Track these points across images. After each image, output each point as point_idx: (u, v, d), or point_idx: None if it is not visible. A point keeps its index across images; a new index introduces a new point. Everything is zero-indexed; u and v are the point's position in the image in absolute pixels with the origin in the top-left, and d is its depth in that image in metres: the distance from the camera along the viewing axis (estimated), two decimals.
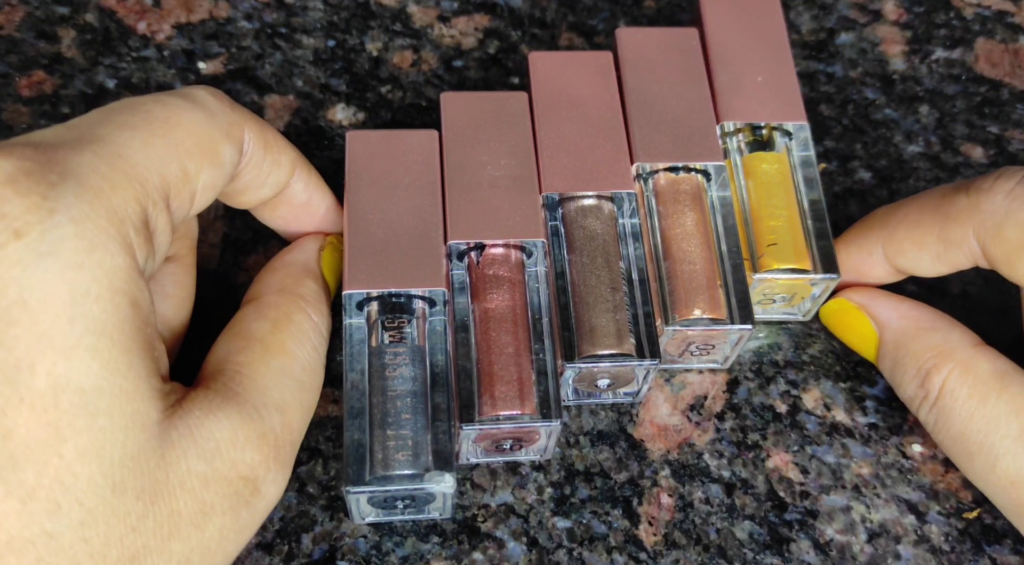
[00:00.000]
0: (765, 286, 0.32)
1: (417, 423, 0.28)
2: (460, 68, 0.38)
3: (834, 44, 0.40)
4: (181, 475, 0.23)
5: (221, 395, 0.25)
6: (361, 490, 0.27)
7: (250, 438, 0.25)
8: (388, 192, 0.31)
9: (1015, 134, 0.39)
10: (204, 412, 0.24)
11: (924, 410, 0.30)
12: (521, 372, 0.29)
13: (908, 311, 0.32)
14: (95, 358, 0.22)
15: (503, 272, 0.30)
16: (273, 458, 0.26)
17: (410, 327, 0.29)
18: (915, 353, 0.30)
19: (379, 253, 0.30)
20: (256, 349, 0.27)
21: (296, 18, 0.39)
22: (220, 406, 0.25)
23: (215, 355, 0.27)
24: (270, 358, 0.27)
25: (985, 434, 0.28)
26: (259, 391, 0.26)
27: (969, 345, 0.30)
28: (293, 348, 0.28)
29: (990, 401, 0.28)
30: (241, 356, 0.27)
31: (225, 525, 0.24)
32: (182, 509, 0.23)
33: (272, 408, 0.26)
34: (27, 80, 0.37)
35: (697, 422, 0.32)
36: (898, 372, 0.31)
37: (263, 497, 0.25)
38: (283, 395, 0.27)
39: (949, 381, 0.29)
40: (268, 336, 0.28)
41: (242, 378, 0.26)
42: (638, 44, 0.35)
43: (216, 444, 0.24)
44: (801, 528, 0.31)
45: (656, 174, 0.33)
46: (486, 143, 0.32)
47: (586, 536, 0.30)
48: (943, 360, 0.30)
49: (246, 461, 0.25)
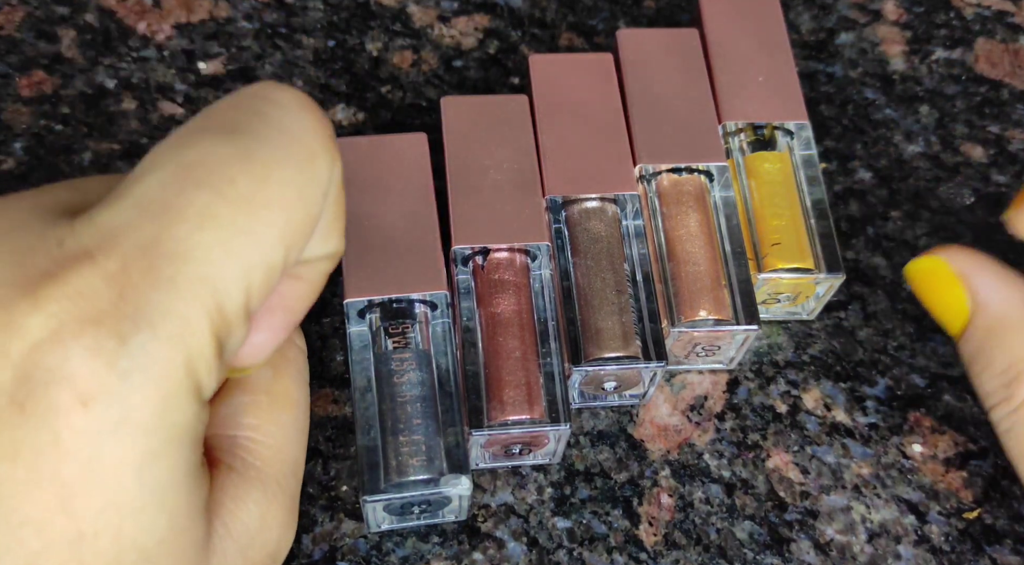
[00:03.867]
0: (770, 286, 0.32)
1: (428, 427, 0.28)
2: (460, 68, 0.38)
3: (834, 44, 0.40)
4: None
5: (244, 476, 0.24)
6: (378, 498, 0.27)
7: (276, 516, 0.24)
8: (381, 198, 0.31)
9: (1015, 134, 0.39)
10: (234, 502, 0.23)
11: (1000, 412, 0.27)
12: (529, 376, 0.29)
13: (1013, 294, 0.28)
14: (161, 513, 0.20)
15: (508, 276, 0.30)
16: (291, 524, 0.25)
17: (413, 332, 0.29)
18: (1009, 348, 0.27)
19: (377, 260, 0.30)
20: (263, 404, 0.25)
21: (296, 18, 0.39)
22: (247, 491, 0.23)
23: (222, 412, 0.25)
24: (278, 413, 0.25)
25: None
26: (277, 459, 0.25)
27: None
28: (297, 395, 0.26)
29: None
30: (250, 416, 0.25)
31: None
32: None
33: (289, 473, 0.25)
34: (27, 80, 0.37)
35: (697, 422, 0.32)
36: (980, 362, 0.28)
37: (281, 561, 0.25)
38: (295, 453, 0.25)
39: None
40: (272, 385, 0.26)
41: (257, 447, 0.24)
42: (639, 45, 0.35)
43: (249, 535, 0.23)
44: (801, 528, 0.31)
45: (659, 175, 0.33)
46: (488, 147, 0.32)
47: (586, 536, 0.30)
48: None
49: (272, 539, 0.24)
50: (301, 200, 0.21)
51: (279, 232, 0.20)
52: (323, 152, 0.21)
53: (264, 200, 0.20)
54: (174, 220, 0.19)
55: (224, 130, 0.21)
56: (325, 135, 0.22)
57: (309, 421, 0.27)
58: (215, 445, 0.24)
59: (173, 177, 0.20)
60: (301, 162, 0.21)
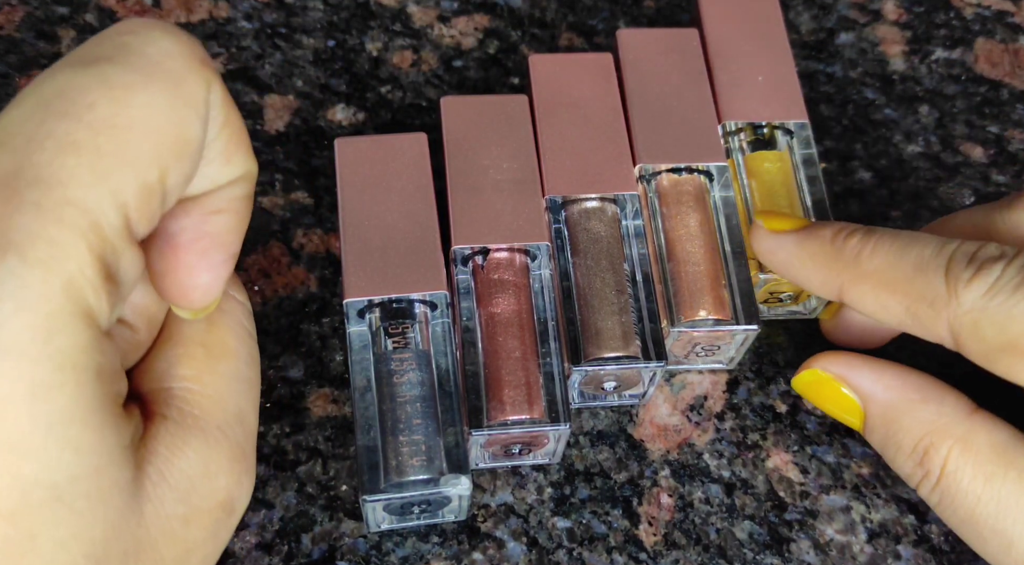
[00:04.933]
0: (771, 285, 0.32)
1: (428, 427, 0.28)
2: (460, 68, 0.38)
3: (834, 44, 0.40)
4: (162, 524, 0.22)
5: (181, 425, 0.23)
6: (377, 498, 0.27)
7: (220, 463, 0.24)
8: (381, 198, 0.31)
9: (1015, 134, 0.39)
10: (170, 450, 0.23)
11: (925, 488, 0.28)
12: (528, 376, 0.29)
13: (893, 380, 0.29)
14: (66, 448, 0.20)
15: (508, 276, 0.30)
16: (243, 471, 0.24)
17: (413, 332, 0.29)
18: (908, 430, 0.28)
19: (377, 259, 0.30)
20: (199, 356, 0.25)
21: (296, 18, 0.39)
22: (184, 439, 0.23)
23: (156, 367, 0.25)
24: (216, 364, 0.25)
25: (996, 517, 0.27)
26: (217, 408, 0.24)
27: (964, 416, 0.28)
28: (235, 345, 0.26)
29: (996, 482, 0.27)
30: (184, 368, 0.25)
31: (207, 553, 0.24)
32: (166, 556, 0.22)
33: (233, 421, 0.25)
34: (27, 80, 0.37)
35: (697, 422, 0.32)
36: (890, 448, 0.29)
37: (238, 511, 0.25)
38: (238, 402, 0.25)
39: (950, 461, 0.27)
40: (207, 337, 0.25)
41: (195, 396, 0.24)
42: (638, 45, 0.35)
43: (190, 482, 0.23)
44: (801, 528, 0.31)
45: (659, 175, 0.33)
46: (488, 147, 0.32)
47: (586, 536, 0.30)
48: (940, 437, 0.28)
49: (220, 486, 0.24)
50: (171, 121, 0.21)
51: (149, 152, 0.20)
52: (190, 73, 0.21)
53: (127, 122, 0.20)
54: (35, 149, 0.19)
55: (83, 62, 0.21)
56: (192, 57, 0.22)
57: (259, 374, 0.27)
58: (152, 399, 0.24)
59: (33, 110, 0.20)
60: (166, 84, 0.21)
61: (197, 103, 0.22)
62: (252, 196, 0.25)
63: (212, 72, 0.22)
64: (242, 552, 0.29)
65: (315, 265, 0.34)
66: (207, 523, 0.23)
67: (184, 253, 0.23)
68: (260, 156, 0.35)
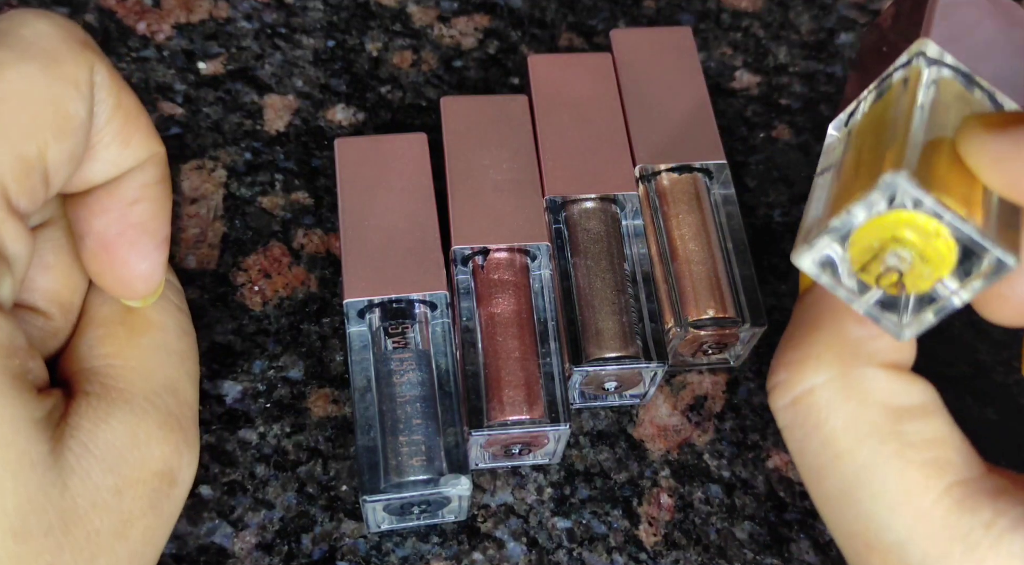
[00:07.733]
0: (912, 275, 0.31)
1: (428, 427, 0.28)
2: (460, 68, 0.38)
3: (834, 44, 0.40)
4: (90, 495, 0.22)
5: (103, 398, 0.24)
6: (377, 498, 0.27)
7: (151, 432, 0.24)
8: (382, 198, 0.31)
9: None
10: (93, 423, 0.23)
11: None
12: (528, 376, 0.29)
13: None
14: None
15: (508, 276, 0.30)
16: (181, 441, 0.24)
17: (413, 332, 0.29)
18: None
19: (377, 260, 0.30)
20: (119, 334, 0.25)
21: (296, 18, 0.39)
22: (108, 411, 0.23)
23: (78, 350, 0.25)
24: (138, 338, 0.25)
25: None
26: (142, 378, 0.24)
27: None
28: (160, 319, 0.26)
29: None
30: (106, 346, 0.25)
31: (149, 525, 0.24)
32: (100, 527, 0.22)
33: (162, 391, 0.24)
34: None
35: (697, 422, 0.32)
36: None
37: (181, 483, 0.25)
38: (167, 372, 0.25)
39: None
40: (127, 315, 0.25)
41: (118, 370, 0.24)
42: (632, 45, 0.35)
43: (117, 452, 0.23)
44: (801, 528, 0.31)
45: (658, 175, 0.33)
46: (488, 147, 0.32)
47: (586, 536, 0.30)
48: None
49: (155, 456, 0.24)
50: (47, 97, 0.21)
51: (25, 126, 0.21)
52: (69, 53, 0.22)
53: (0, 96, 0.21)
54: None
55: None
56: (71, 39, 0.22)
57: (195, 347, 0.27)
58: (76, 380, 0.24)
59: None
60: (41, 62, 0.21)
61: (78, 82, 0.22)
62: (167, 180, 0.25)
63: (96, 54, 0.23)
64: (242, 552, 0.29)
65: (315, 265, 0.34)
66: (143, 493, 0.23)
67: (115, 248, 0.24)
68: (260, 156, 0.36)
